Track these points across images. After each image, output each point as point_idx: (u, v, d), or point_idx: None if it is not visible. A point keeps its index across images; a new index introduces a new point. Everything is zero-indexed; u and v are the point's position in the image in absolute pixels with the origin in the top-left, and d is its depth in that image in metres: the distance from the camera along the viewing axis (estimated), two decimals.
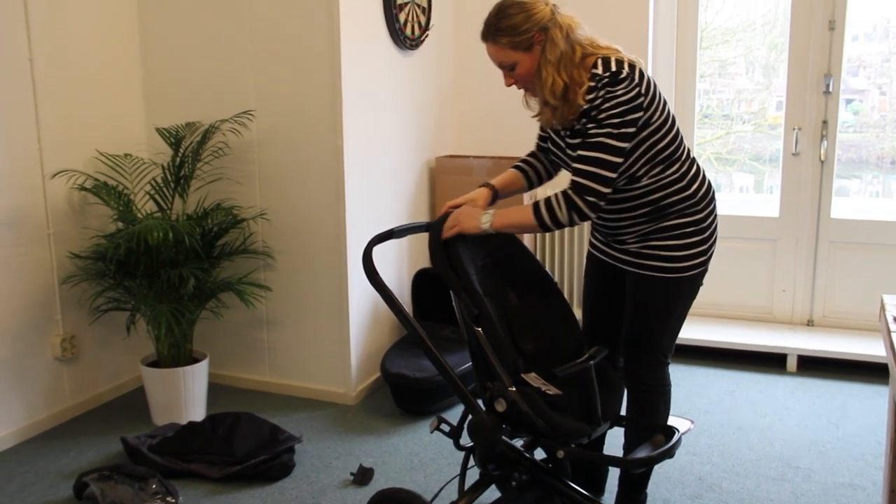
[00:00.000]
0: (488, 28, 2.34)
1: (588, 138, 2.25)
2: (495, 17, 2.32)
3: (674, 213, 2.42)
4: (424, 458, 3.34)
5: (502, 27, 2.30)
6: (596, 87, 2.24)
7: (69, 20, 3.60)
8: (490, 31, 2.33)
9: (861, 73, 4.52)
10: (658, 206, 2.42)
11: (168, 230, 3.30)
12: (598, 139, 2.23)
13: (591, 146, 2.24)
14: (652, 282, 2.46)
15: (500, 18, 2.31)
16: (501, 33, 2.31)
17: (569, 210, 2.24)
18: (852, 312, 4.52)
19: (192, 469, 3.16)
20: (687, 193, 2.42)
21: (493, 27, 2.32)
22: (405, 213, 4.29)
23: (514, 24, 2.29)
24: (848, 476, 3.15)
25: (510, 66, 2.36)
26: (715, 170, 4.88)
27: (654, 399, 2.61)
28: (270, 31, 3.71)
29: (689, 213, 2.43)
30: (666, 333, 2.54)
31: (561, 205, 2.24)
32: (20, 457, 3.35)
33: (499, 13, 2.32)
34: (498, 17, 2.31)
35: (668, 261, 2.42)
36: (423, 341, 2.32)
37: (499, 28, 2.31)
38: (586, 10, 2.46)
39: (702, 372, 4.28)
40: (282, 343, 3.99)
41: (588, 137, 2.25)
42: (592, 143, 2.24)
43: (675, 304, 2.50)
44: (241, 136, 3.80)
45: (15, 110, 3.39)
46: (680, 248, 2.42)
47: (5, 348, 3.41)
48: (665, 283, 2.45)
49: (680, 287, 2.46)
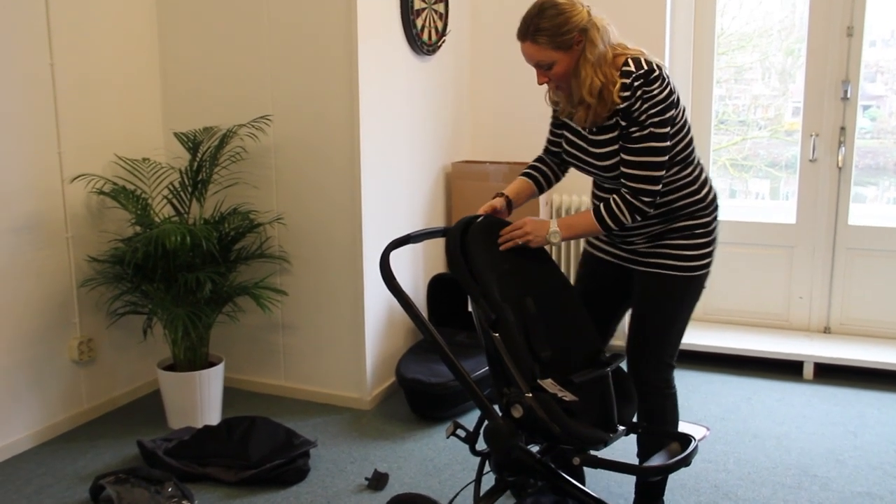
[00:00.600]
0: (528, 27, 2.35)
1: (633, 143, 2.34)
2: (536, 16, 2.33)
3: (684, 215, 2.49)
4: (439, 463, 3.34)
5: (543, 27, 2.32)
6: (630, 86, 2.31)
7: (89, 26, 3.63)
8: (530, 31, 2.34)
9: (878, 79, 4.49)
10: (671, 208, 2.48)
11: (185, 234, 3.32)
12: (643, 143, 2.33)
13: (638, 151, 2.34)
14: (662, 280, 2.51)
15: (541, 18, 2.32)
16: (542, 33, 2.33)
17: (630, 212, 2.38)
18: (870, 320, 4.50)
19: (207, 473, 3.17)
20: (698, 196, 2.50)
21: (533, 27, 2.33)
22: (421, 218, 4.29)
23: (555, 25, 2.31)
24: (866, 485, 3.13)
25: (548, 66, 2.37)
26: (731, 176, 4.86)
27: (661, 403, 2.63)
28: (288, 37, 3.72)
29: (699, 215, 2.51)
30: (672, 333, 2.58)
31: (623, 209, 2.37)
32: (38, 459, 3.37)
33: (540, 13, 2.33)
34: (539, 16, 2.33)
35: (679, 259, 2.48)
36: (440, 346, 2.32)
37: (539, 28, 2.33)
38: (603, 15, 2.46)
39: (718, 379, 4.26)
40: (297, 347, 4.00)
41: (632, 142, 2.34)
42: (639, 148, 2.34)
43: (682, 304, 2.55)
44: (259, 140, 3.82)
45: (35, 115, 3.41)
46: (690, 248, 2.48)
47: (23, 351, 3.43)
48: (675, 282, 2.50)
49: (688, 286, 2.52)
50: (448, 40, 4.37)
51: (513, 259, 2.47)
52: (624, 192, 2.38)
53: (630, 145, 2.35)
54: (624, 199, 2.38)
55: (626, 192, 2.38)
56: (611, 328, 2.76)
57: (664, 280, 2.51)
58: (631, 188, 2.37)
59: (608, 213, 2.39)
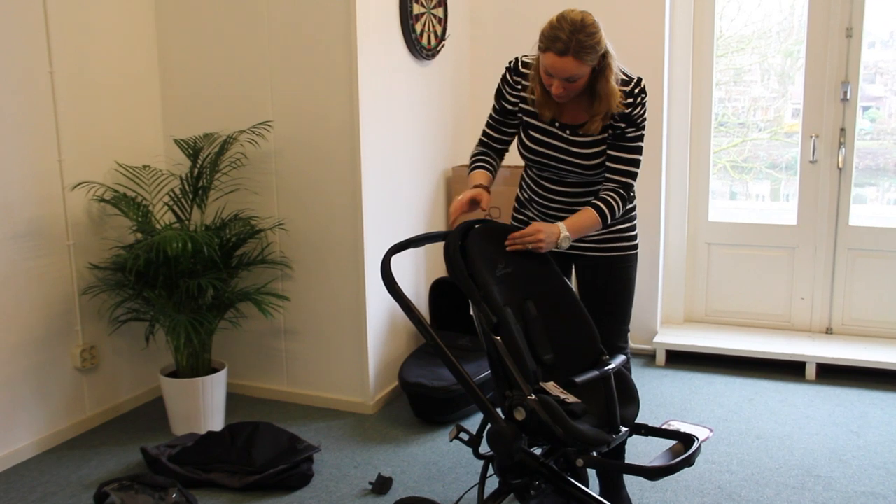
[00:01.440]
0: (571, 43, 2.37)
1: (628, 142, 2.56)
2: (579, 33, 2.37)
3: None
4: (443, 467, 3.34)
5: (588, 44, 2.39)
6: (632, 93, 2.52)
7: (89, 33, 3.64)
8: (573, 47, 2.38)
9: (878, 80, 4.50)
10: None
11: (187, 241, 3.33)
12: (637, 143, 2.57)
13: (632, 149, 2.57)
14: (620, 261, 2.76)
15: (584, 36, 2.37)
16: (587, 50, 2.39)
17: (624, 204, 2.58)
18: (871, 320, 4.50)
19: (211, 479, 3.17)
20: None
21: (577, 43, 2.37)
22: (422, 222, 4.30)
23: (596, 42, 2.40)
24: (869, 485, 3.13)
25: (575, 80, 2.45)
26: (731, 178, 4.87)
27: (628, 366, 2.81)
28: (288, 42, 3.73)
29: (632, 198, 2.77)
30: (631, 302, 2.84)
31: (619, 203, 2.56)
32: (41, 466, 3.37)
33: (583, 30, 2.37)
34: (581, 33, 2.37)
35: (630, 240, 2.77)
36: (442, 350, 2.32)
37: (585, 45, 2.38)
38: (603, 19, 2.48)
39: (720, 380, 4.26)
40: (300, 353, 4.01)
41: (628, 141, 2.56)
42: (633, 147, 2.57)
43: (635, 277, 2.83)
44: (259, 146, 3.82)
45: (35, 122, 3.42)
46: (631, 229, 2.78)
47: (26, 359, 3.44)
48: (631, 259, 2.78)
49: (636, 261, 2.82)
50: (447, 44, 4.38)
51: (513, 262, 2.48)
52: (616, 188, 2.57)
53: (624, 143, 2.56)
54: (618, 194, 2.57)
55: (619, 188, 2.58)
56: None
57: (623, 260, 2.76)
58: (622, 183, 2.58)
59: (609, 209, 2.55)
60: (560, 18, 2.40)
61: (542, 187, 2.76)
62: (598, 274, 2.77)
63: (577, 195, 2.69)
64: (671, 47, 4.50)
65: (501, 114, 2.76)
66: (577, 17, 2.39)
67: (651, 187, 4.44)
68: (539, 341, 2.41)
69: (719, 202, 4.82)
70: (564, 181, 2.69)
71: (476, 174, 2.75)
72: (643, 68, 4.34)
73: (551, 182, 2.73)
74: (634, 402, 2.45)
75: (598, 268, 2.77)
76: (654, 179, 4.47)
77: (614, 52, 2.48)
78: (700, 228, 4.75)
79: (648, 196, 4.43)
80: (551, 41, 2.39)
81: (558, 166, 2.66)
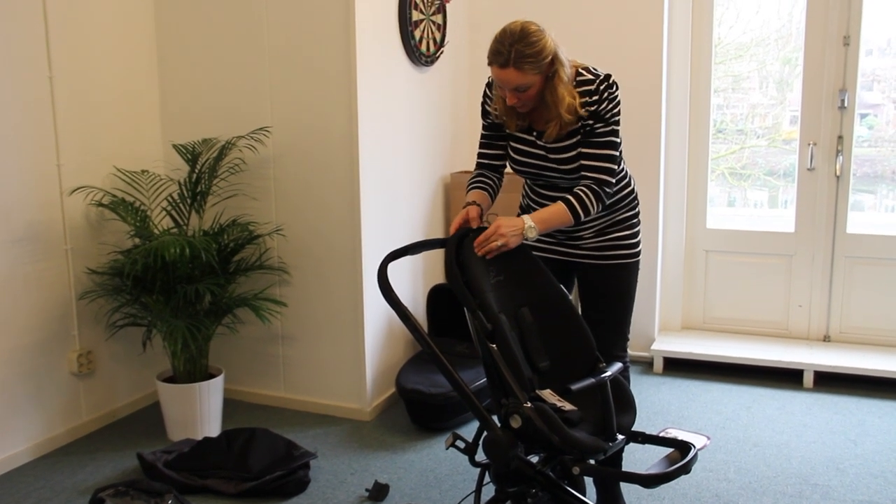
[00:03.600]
0: (510, 54, 2.41)
1: (595, 137, 2.53)
2: (518, 43, 2.40)
3: (623, 207, 2.74)
4: (440, 474, 3.34)
5: (528, 53, 2.40)
6: (596, 90, 2.50)
7: (88, 39, 3.64)
8: (513, 58, 2.41)
9: (875, 87, 4.51)
10: (614, 200, 2.70)
11: (185, 246, 3.32)
12: (606, 137, 2.53)
13: (602, 144, 2.54)
14: (619, 269, 2.74)
15: (524, 45, 2.40)
16: (527, 59, 2.41)
17: (597, 201, 2.53)
18: (869, 328, 4.50)
19: (207, 485, 3.16)
20: (630, 188, 2.75)
21: (516, 53, 2.40)
22: (420, 229, 4.30)
23: (537, 51, 2.42)
24: (867, 493, 3.12)
25: (525, 89, 2.47)
26: (729, 185, 4.88)
27: (626, 375, 2.81)
28: (286, 48, 3.74)
29: (633, 205, 2.77)
30: (631, 311, 2.83)
31: (591, 198, 2.52)
32: (36, 472, 3.37)
33: (521, 40, 2.40)
34: (521, 43, 2.40)
35: (628, 248, 2.74)
36: (438, 358, 2.32)
37: (525, 55, 2.40)
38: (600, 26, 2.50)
39: (717, 388, 4.26)
40: (297, 359, 4.00)
41: (596, 137, 2.53)
42: (603, 142, 2.54)
43: (635, 284, 2.81)
44: (258, 152, 3.83)
45: (34, 127, 3.42)
46: (632, 237, 2.75)
47: (22, 363, 3.43)
48: (629, 268, 2.76)
49: (636, 269, 2.79)
50: (446, 51, 4.38)
51: (508, 270, 2.48)
52: (589, 184, 2.54)
53: (594, 139, 2.54)
54: (591, 189, 2.53)
55: (592, 183, 2.54)
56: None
57: (620, 268, 2.74)
58: (596, 179, 2.54)
59: (580, 204, 2.51)
60: (502, 32, 2.45)
61: (537, 194, 2.78)
62: (597, 282, 2.78)
63: None
64: (669, 54, 4.50)
65: (490, 128, 2.79)
66: (517, 27, 2.43)
67: (649, 194, 4.44)
68: (534, 349, 2.41)
69: (717, 209, 4.83)
70: (557, 187, 2.71)
71: (470, 194, 2.76)
72: (641, 75, 4.36)
73: (545, 188, 2.75)
74: (631, 409, 2.44)
75: (597, 275, 2.77)
76: (652, 186, 4.48)
77: (565, 59, 2.48)
78: (698, 235, 4.76)
79: (646, 203, 4.41)
80: (494, 54, 2.45)
81: (543, 174, 2.69)
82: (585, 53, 2.75)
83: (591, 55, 2.68)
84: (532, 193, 2.81)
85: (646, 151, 4.42)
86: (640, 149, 4.29)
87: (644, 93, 4.33)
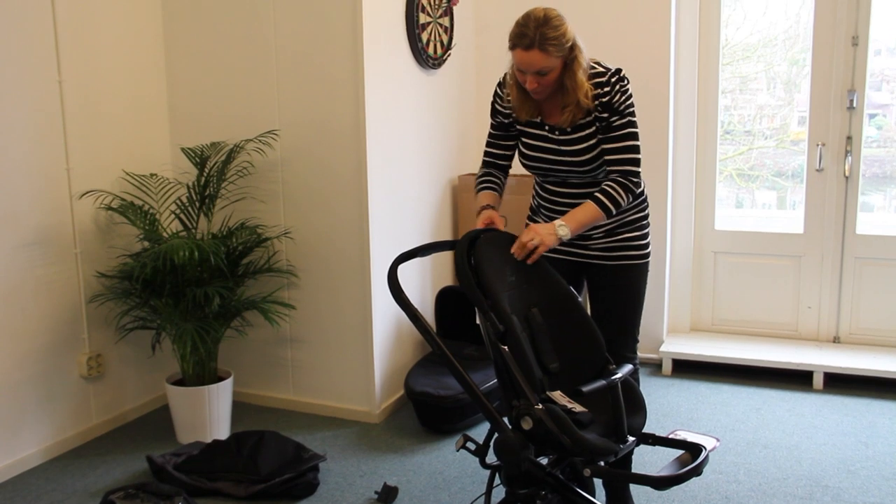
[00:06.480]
0: (535, 36, 2.46)
1: (616, 131, 2.57)
2: (543, 26, 2.47)
3: (633, 208, 2.75)
4: (449, 476, 3.33)
5: (552, 36, 2.47)
6: (608, 82, 2.56)
7: (97, 43, 3.65)
8: (538, 40, 2.46)
9: (884, 87, 4.49)
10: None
11: (194, 249, 3.33)
12: (625, 129, 2.57)
13: (622, 137, 2.58)
14: (629, 270, 2.76)
15: (548, 28, 2.46)
16: (551, 42, 2.47)
17: (626, 193, 2.58)
18: (879, 329, 4.48)
19: (217, 488, 3.17)
20: (640, 189, 2.74)
21: (541, 36, 2.46)
22: (429, 231, 4.30)
23: (560, 35, 2.49)
24: (878, 496, 3.11)
25: (546, 73, 2.51)
26: (737, 186, 4.87)
27: (636, 376, 2.81)
28: (294, 52, 3.74)
29: (642, 207, 2.79)
30: (640, 312, 2.84)
31: (620, 192, 2.57)
32: (47, 475, 3.37)
33: (546, 23, 2.47)
34: (546, 26, 2.46)
35: (638, 249, 2.76)
36: (449, 359, 2.32)
37: (549, 37, 2.46)
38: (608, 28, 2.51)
39: (727, 389, 4.25)
40: (306, 361, 4.00)
41: (615, 130, 2.57)
42: (622, 134, 2.58)
43: (645, 286, 2.82)
44: (266, 155, 3.83)
45: (44, 131, 3.44)
46: (643, 238, 2.77)
47: (33, 366, 3.44)
48: (639, 269, 2.78)
49: (646, 271, 2.81)
50: (453, 54, 4.38)
51: (518, 271, 2.48)
52: (616, 177, 2.59)
53: (613, 133, 2.58)
54: (618, 182, 2.58)
55: (618, 176, 2.59)
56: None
57: (630, 269, 2.75)
58: (621, 171, 2.59)
59: (608, 198, 2.56)
60: (525, 16, 2.51)
61: (547, 191, 2.80)
62: (606, 283, 2.78)
63: (581, 196, 2.70)
64: (677, 55, 4.50)
65: (499, 128, 2.83)
66: (539, 12, 2.50)
67: (657, 196, 4.44)
68: (545, 350, 2.40)
69: (725, 210, 4.82)
70: (567, 182, 2.73)
71: (482, 195, 2.80)
72: (649, 77, 4.35)
73: (555, 185, 2.76)
74: (641, 411, 2.44)
75: (607, 276, 2.77)
76: (660, 187, 4.47)
77: (583, 46, 2.55)
78: (706, 237, 4.75)
79: (654, 204, 4.39)
80: (519, 37, 2.49)
81: (555, 168, 2.70)
82: (593, 55, 2.74)
83: (599, 57, 2.68)
84: (542, 191, 2.82)
85: (654, 153, 4.41)
86: (648, 150, 4.24)
87: (652, 94, 4.33)
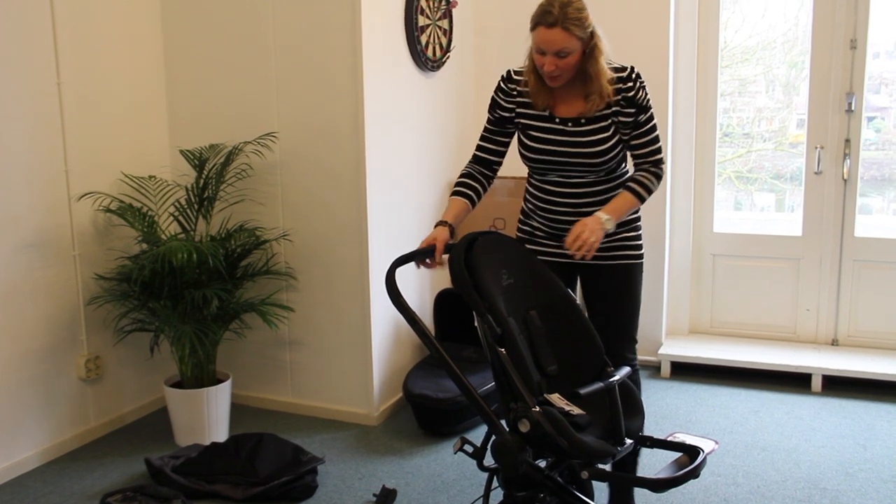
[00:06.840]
0: (559, 15, 2.47)
1: (643, 125, 2.65)
2: (568, 6, 2.48)
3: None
4: (447, 479, 3.33)
5: (575, 17, 2.48)
6: (630, 77, 2.61)
7: (96, 45, 3.66)
8: (561, 19, 2.47)
9: (883, 90, 4.50)
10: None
11: (192, 251, 3.33)
12: (650, 123, 2.66)
13: (649, 130, 2.66)
14: (626, 269, 2.77)
15: (573, 9, 2.48)
16: (574, 22, 2.48)
17: (657, 180, 2.70)
18: (878, 331, 4.48)
19: (215, 490, 3.16)
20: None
21: (566, 15, 2.48)
22: (427, 233, 4.27)
23: (583, 17, 2.50)
24: (877, 498, 3.11)
25: (566, 54, 2.52)
26: (736, 188, 4.87)
27: (636, 378, 2.81)
28: (293, 54, 3.74)
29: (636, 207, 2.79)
30: (638, 312, 2.84)
31: (653, 181, 2.68)
32: (45, 477, 3.37)
33: (569, 4, 2.49)
34: (570, 7, 2.48)
35: (634, 249, 2.79)
36: (446, 362, 2.32)
37: (572, 17, 2.48)
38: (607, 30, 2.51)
39: (725, 392, 4.25)
40: (304, 364, 4.00)
41: (643, 125, 2.65)
42: (649, 128, 2.66)
43: (640, 287, 2.83)
44: (264, 157, 3.83)
45: (42, 133, 3.44)
46: (636, 238, 2.80)
47: (31, 368, 3.44)
48: (636, 269, 2.80)
49: (641, 271, 2.82)
50: (452, 56, 4.38)
51: (516, 273, 2.47)
52: (647, 167, 2.68)
53: (642, 128, 2.65)
54: (650, 171, 2.68)
55: (650, 167, 2.68)
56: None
57: (626, 269, 2.77)
58: (653, 161, 2.68)
59: (645, 189, 2.66)
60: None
61: (546, 192, 2.75)
62: (602, 283, 2.78)
63: (582, 195, 2.70)
64: (676, 58, 4.50)
65: (496, 123, 2.80)
66: None
67: (656, 198, 4.41)
68: (543, 352, 2.40)
69: (724, 213, 4.82)
70: (569, 182, 2.70)
71: (451, 203, 2.76)
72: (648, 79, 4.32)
73: (556, 185, 2.73)
74: (639, 413, 2.44)
75: (603, 277, 2.77)
76: (658, 190, 4.43)
77: (603, 36, 2.56)
78: (705, 239, 4.75)
79: (653, 207, 4.43)
80: (543, 15, 2.51)
81: (564, 161, 2.67)
82: None
83: None
84: (538, 192, 2.77)
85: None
86: None
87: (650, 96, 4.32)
